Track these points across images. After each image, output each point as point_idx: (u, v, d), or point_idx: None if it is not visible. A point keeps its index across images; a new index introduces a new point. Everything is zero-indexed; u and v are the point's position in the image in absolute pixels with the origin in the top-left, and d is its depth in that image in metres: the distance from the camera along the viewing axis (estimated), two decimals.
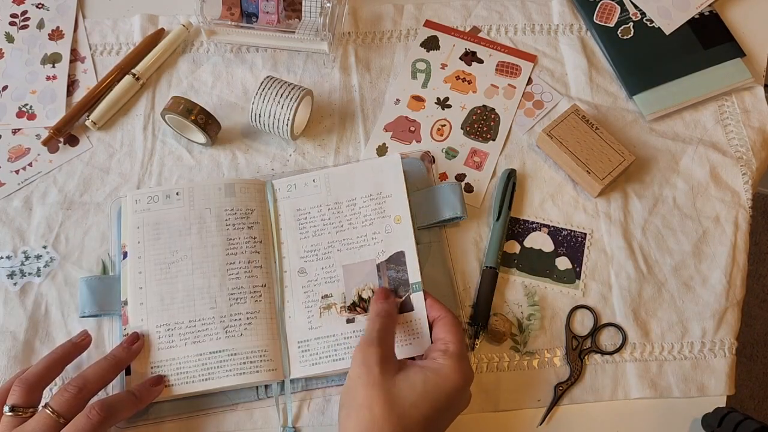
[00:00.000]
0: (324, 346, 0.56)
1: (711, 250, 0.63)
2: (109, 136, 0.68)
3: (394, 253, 0.58)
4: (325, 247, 0.59)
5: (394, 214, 0.60)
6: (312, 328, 0.57)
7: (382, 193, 0.61)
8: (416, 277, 0.57)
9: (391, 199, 0.60)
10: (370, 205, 0.60)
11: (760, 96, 0.69)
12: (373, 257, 0.58)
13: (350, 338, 0.56)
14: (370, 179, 0.61)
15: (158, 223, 0.59)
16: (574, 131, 0.64)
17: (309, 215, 0.60)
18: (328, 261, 0.59)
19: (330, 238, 0.59)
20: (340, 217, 0.60)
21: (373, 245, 0.59)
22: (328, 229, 0.60)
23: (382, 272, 0.58)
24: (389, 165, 0.62)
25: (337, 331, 0.56)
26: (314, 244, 0.59)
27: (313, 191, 0.61)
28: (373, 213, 0.60)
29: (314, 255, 0.59)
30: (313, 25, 0.68)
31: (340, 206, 0.60)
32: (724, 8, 0.73)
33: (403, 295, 0.56)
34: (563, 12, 0.74)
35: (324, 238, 0.60)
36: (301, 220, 0.60)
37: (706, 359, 0.59)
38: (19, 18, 0.74)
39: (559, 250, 0.62)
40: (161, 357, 0.54)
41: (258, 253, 0.58)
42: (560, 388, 0.57)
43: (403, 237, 0.59)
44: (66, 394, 0.48)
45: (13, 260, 0.62)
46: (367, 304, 0.57)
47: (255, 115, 0.64)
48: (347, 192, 0.61)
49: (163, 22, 0.74)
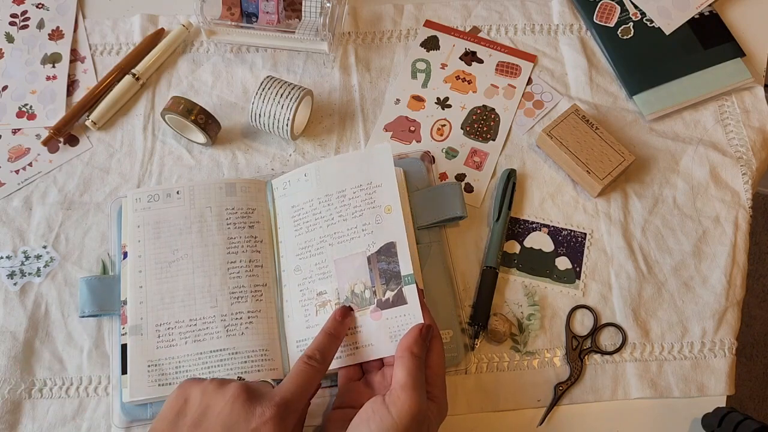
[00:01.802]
0: None
1: (711, 250, 0.63)
2: (109, 136, 0.68)
3: (384, 244, 0.56)
4: (318, 243, 0.58)
5: (384, 204, 0.57)
6: (309, 326, 0.56)
7: (372, 182, 0.58)
8: (408, 269, 0.54)
9: (381, 189, 0.57)
10: (360, 195, 0.58)
11: (760, 96, 0.69)
12: (364, 249, 0.56)
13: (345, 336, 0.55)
14: (359, 169, 0.59)
15: (159, 221, 0.58)
16: (574, 131, 0.64)
17: (302, 211, 0.59)
18: (321, 257, 0.57)
19: (321, 233, 0.58)
20: (331, 210, 0.58)
21: (363, 237, 0.57)
22: (319, 224, 0.58)
23: (373, 265, 0.56)
24: (379, 154, 0.58)
25: None
26: (307, 240, 0.58)
27: (305, 186, 0.60)
28: (363, 204, 0.58)
29: (308, 251, 0.58)
30: (313, 25, 0.68)
31: (330, 198, 0.59)
32: (724, 8, 0.73)
33: (394, 288, 0.55)
34: (563, 12, 0.74)
35: (316, 233, 0.58)
36: (295, 216, 0.59)
37: (706, 359, 0.59)
38: (19, 18, 0.74)
39: (559, 250, 0.62)
40: (161, 356, 0.54)
41: (259, 252, 0.58)
42: (560, 388, 0.57)
43: (393, 227, 0.56)
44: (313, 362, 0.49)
45: (13, 260, 0.62)
46: (360, 300, 0.55)
47: (255, 115, 0.64)
48: (337, 184, 0.59)
49: (163, 22, 0.74)
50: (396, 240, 0.56)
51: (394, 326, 0.53)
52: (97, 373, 0.58)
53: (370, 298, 0.55)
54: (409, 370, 0.47)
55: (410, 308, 0.53)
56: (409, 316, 0.53)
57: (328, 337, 0.51)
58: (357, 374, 0.54)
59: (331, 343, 0.51)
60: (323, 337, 0.51)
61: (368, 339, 0.54)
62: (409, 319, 0.53)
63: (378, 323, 0.54)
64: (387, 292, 0.54)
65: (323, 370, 0.49)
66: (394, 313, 0.54)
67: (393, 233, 0.56)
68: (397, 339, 0.53)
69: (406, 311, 0.53)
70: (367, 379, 0.53)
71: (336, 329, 0.52)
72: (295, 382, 0.47)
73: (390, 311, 0.54)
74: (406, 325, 0.53)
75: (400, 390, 0.46)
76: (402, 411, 0.44)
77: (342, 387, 0.53)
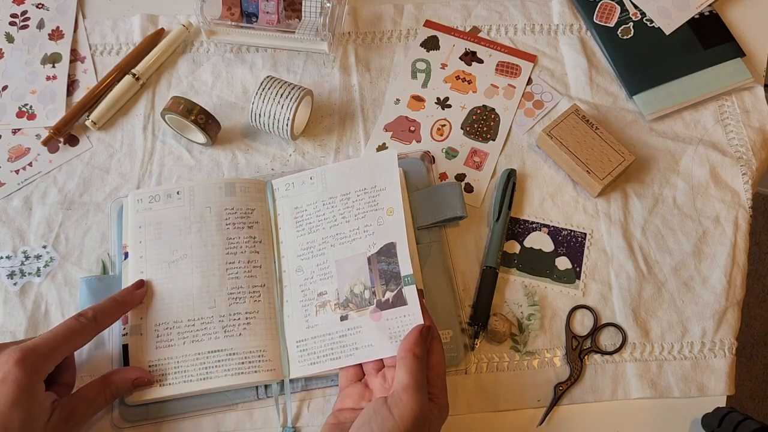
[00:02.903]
0: (321, 345, 0.55)
1: (711, 250, 0.62)
2: (109, 136, 0.68)
3: (385, 245, 0.56)
4: (320, 244, 0.58)
5: (386, 206, 0.58)
6: (309, 327, 0.56)
7: (377, 186, 0.58)
8: (408, 270, 0.54)
9: (385, 192, 0.58)
10: (363, 198, 0.58)
11: (760, 96, 0.69)
12: (365, 250, 0.57)
13: (345, 336, 0.55)
14: (365, 174, 0.59)
15: (159, 222, 0.59)
16: (574, 131, 0.64)
17: (305, 212, 0.60)
18: (323, 257, 0.58)
19: (324, 234, 0.58)
20: (334, 212, 0.59)
21: (365, 238, 0.57)
22: (322, 225, 0.59)
23: (373, 265, 0.56)
24: (385, 159, 0.59)
25: (333, 329, 0.55)
26: (309, 241, 0.59)
27: (310, 188, 0.60)
28: (366, 206, 0.58)
29: (309, 252, 0.58)
30: (313, 25, 0.68)
31: (334, 201, 0.59)
32: (724, 8, 0.73)
33: (393, 288, 0.55)
34: (563, 12, 0.74)
35: (318, 234, 0.59)
36: (298, 218, 0.60)
37: (706, 359, 0.59)
38: (19, 18, 0.74)
39: (559, 250, 0.62)
40: (159, 356, 0.54)
41: (257, 252, 0.58)
42: (560, 388, 0.57)
43: (394, 228, 0.56)
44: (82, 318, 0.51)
45: (13, 260, 0.62)
46: (360, 300, 0.55)
47: (255, 115, 0.64)
48: (342, 187, 0.60)
49: (163, 22, 0.74)
50: (396, 241, 0.56)
51: (394, 327, 0.53)
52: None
53: (370, 298, 0.55)
54: (412, 372, 0.47)
55: (410, 309, 0.53)
56: (409, 316, 0.53)
57: (109, 301, 0.54)
58: (357, 376, 0.54)
59: (110, 307, 0.53)
60: (105, 301, 0.54)
61: (368, 340, 0.54)
62: (409, 319, 0.53)
63: (378, 324, 0.54)
64: (387, 293, 0.55)
65: (92, 330, 0.51)
66: (394, 314, 0.54)
67: (393, 234, 0.56)
68: (397, 340, 0.53)
69: (405, 312, 0.54)
70: (368, 381, 0.53)
71: (123, 296, 0.55)
72: (53, 332, 0.49)
73: (390, 312, 0.54)
74: (407, 326, 0.53)
75: (402, 391, 0.46)
76: (404, 413, 0.45)
77: (343, 389, 0.53)
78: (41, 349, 0.47)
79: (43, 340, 0.48)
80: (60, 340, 0.49)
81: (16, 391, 0.45)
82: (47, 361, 0.48)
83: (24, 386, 0.45)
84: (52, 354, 0.48)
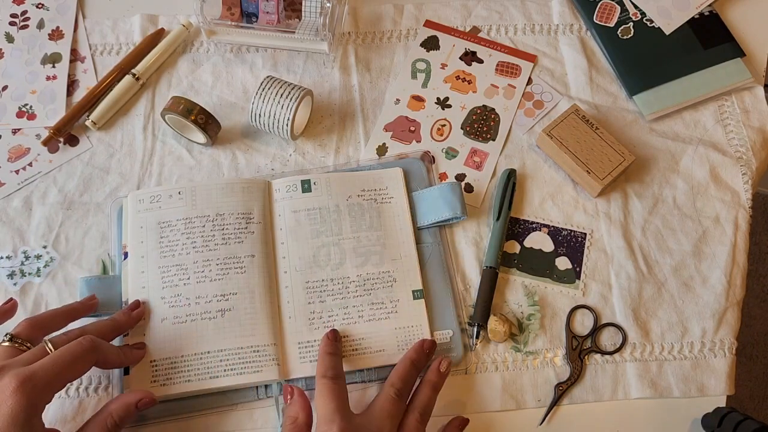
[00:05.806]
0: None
1: (711, 250, 0.63)
2: (109, 136, 0.68)
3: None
4: (325, 249, 0.59)
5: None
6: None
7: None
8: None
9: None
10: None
11: (760, 96, 0.69)
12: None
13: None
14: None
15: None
16: (574, 131, 0.64)
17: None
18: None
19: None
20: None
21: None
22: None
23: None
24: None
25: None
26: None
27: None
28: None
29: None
30: (313, 25, 0.68)
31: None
32: (724, 8, 0.73)
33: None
34: (563, 12, 0.74)
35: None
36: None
37: (706, 359, 0.59)
38: (19, 18, 0.74)
39: (559, 250, 0.62)
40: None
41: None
42: (560, 388, 0.57)
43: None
44: (65, 337, 0.49)
45: (13, 260, 0.62)
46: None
47: (255, 115, 0.64)
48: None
49: (163, 22, 0.74)
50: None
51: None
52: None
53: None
54: (400, 373, 0.52)
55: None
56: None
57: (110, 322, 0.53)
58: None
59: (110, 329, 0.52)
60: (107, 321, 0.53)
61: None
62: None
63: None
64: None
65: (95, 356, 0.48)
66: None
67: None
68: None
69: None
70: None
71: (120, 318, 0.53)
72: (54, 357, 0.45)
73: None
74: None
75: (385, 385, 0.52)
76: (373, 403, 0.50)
77: None
78: (42, 377, 0.43)
79: (44, 367, 0.44)
80: (67, 371, 0.45)
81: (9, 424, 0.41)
82: (48, 391, 0.44)
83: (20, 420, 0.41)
84: (53, 382, 0.44)
